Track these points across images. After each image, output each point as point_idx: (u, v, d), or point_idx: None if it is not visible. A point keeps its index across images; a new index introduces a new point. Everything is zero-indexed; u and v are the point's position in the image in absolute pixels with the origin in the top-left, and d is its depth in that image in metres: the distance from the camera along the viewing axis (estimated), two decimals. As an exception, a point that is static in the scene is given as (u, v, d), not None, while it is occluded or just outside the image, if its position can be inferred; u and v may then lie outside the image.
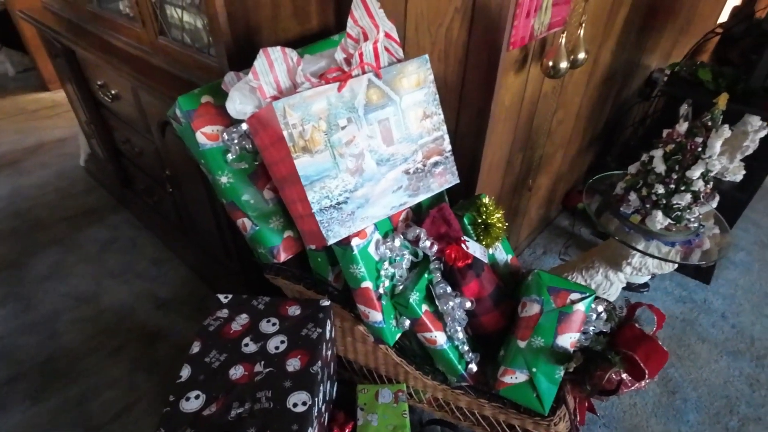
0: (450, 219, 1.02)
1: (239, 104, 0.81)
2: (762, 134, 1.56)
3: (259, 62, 0.79)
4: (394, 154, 0.88)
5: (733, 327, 1.62)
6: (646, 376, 0.91)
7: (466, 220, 1.04)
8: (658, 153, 1.12)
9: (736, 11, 2.19)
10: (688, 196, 1.11)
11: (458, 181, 0.99)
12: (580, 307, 0.92)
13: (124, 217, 2.08)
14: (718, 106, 1.04)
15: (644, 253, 1.17)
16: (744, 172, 1.64)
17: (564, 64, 1.05)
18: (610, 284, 1.41)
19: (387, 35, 0.88)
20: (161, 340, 1.53)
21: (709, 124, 1.04)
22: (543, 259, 1.90)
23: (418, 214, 1.05)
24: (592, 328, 0.94)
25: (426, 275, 0.97)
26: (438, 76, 1.13)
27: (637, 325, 0.98)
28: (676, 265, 1.29)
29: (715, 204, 1.78)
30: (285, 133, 0.76)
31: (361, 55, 0.84)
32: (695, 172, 1.06)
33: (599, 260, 1.40)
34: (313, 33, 1.11)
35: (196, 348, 0.84)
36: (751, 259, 1.93)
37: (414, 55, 0.91)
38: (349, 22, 0.86)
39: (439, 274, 0.98)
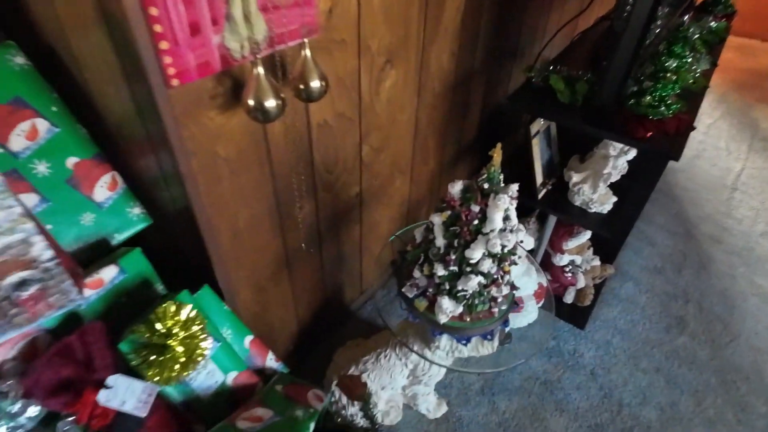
0: (94, 350, 0.67)
1: None
2: (628, 157, 1.26)
3: None
4: None
5: (600, 389, 1.35)
6: None
7: (124, 348, 0.70)
8: (437, 220, 0.80)
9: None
10: (478, 280, 0.79)
11: (81, 302, 0.64)
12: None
13: None
14: (493, 164, 0.71)
15: (422, 357, 0.86)
16: (615, 199, 1.34)
17: (271, 102, 0.70)
18: (429, 365, 1.10)
19: None
20: None
21: (485, 187, 0.72)
22: (396, 301, 1.58)
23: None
24: None
25: (50, 443, 0.63)
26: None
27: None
28: (494, 349, 0.98)
29: (587, 236, 1.49)
30: None
31: None
32: (475, 252, 0.74)
33: (413, 337, 1.09)
34: None
35: None
36: (638, 290, 1.66)
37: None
38: None
39: (69, 440, 0.64)
